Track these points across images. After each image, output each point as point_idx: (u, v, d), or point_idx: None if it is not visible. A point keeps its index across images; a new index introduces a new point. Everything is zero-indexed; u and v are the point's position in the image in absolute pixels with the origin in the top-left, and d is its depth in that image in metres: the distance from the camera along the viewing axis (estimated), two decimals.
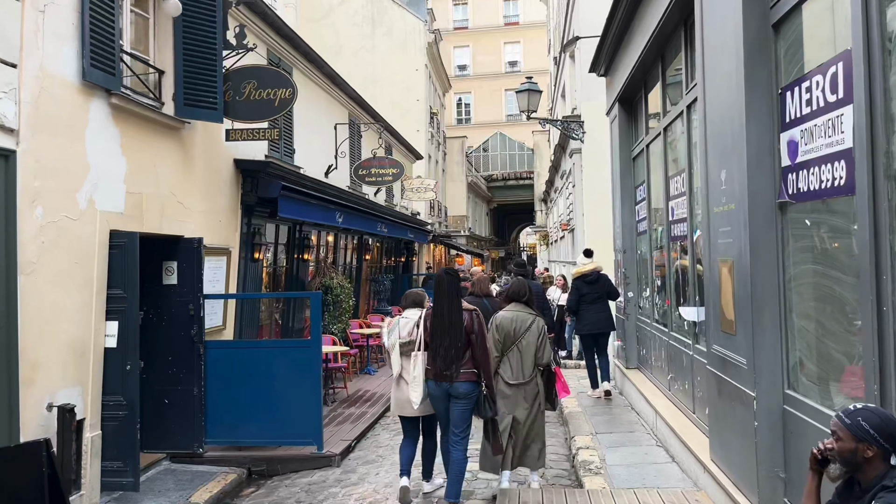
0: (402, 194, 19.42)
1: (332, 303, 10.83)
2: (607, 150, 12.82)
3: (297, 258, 10.89)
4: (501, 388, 5.35)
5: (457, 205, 34.11)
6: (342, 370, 10.44)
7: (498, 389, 5.31)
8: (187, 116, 7.12)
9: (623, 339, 9.25)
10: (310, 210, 10.17)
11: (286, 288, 10.73)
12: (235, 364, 7.27)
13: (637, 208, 8.81)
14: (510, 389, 5.34)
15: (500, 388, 5.34)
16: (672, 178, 6.68)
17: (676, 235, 6.56)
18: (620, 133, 9.13)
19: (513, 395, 5.32)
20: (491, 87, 44.91)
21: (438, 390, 5.12)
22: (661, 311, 7.49)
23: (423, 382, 5.20)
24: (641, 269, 8.74)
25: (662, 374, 7.27)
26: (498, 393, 5.28)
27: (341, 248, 13.83)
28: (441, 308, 5.14)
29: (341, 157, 12.79)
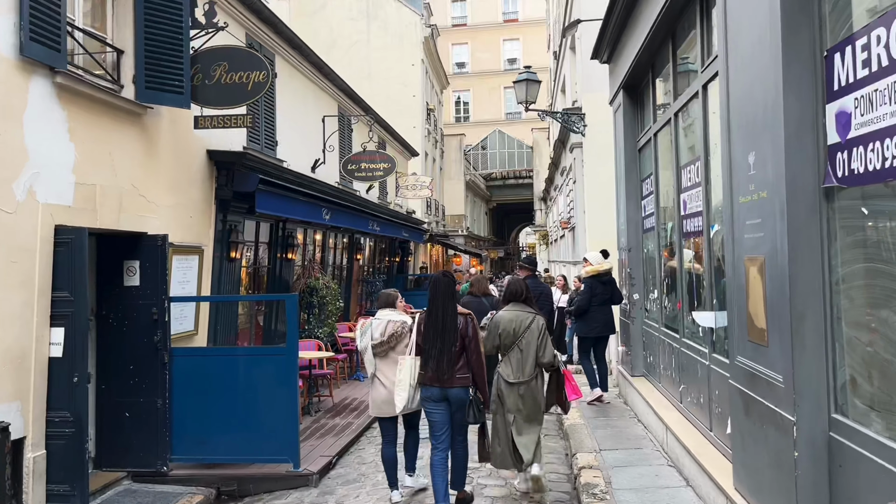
0: (397, 192, 18.77)
1: (317, 305, 10.18)
2: (610, 143, 12.18)
3: (280, 257, 10.24)
4: (502, 387, 5.29)
5: (455, 204, 33.44)
6: (328, 377, 9.78)
7: (498, 389, 5.30)
8: (150, 101, 6.47)
9: (627, 345, 8.59)
10: (293, 206, 9.51)
11: (268, 289, 10.08)
12: (204, 373, 6.63)
13: (643, 203, 8.16)
14: (510, 389, 5.26)
15: (500, 388, 5.30)
16: (684, 168, 6.03)
17: (689, 231, 5.91)
18: (625, 123, 8.48)
19: (513, 395, 5.25)
20: (490, 84, 44.27)
21: (434, 393, 5.04)
22: (671, 316, 6.83)
23: (410, 387, 5.09)
24: (648, 269, 8.09)
25: (672, 384, 6.62)
26: (498, 393, 5.28)
27: (330, 248, 13.18)
28: (436, 312, 5.04)
29: (329, 152, 12.14)
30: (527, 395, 5.29)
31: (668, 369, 6.84)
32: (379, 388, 5.42)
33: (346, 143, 13.54)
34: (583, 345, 9.23)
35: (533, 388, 5.32)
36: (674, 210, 6.48)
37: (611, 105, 9.47)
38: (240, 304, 9.34)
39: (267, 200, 8.51)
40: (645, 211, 8.09)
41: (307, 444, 7.45)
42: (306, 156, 11.48)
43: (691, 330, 6.00)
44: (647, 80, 7.70)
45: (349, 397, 10.09)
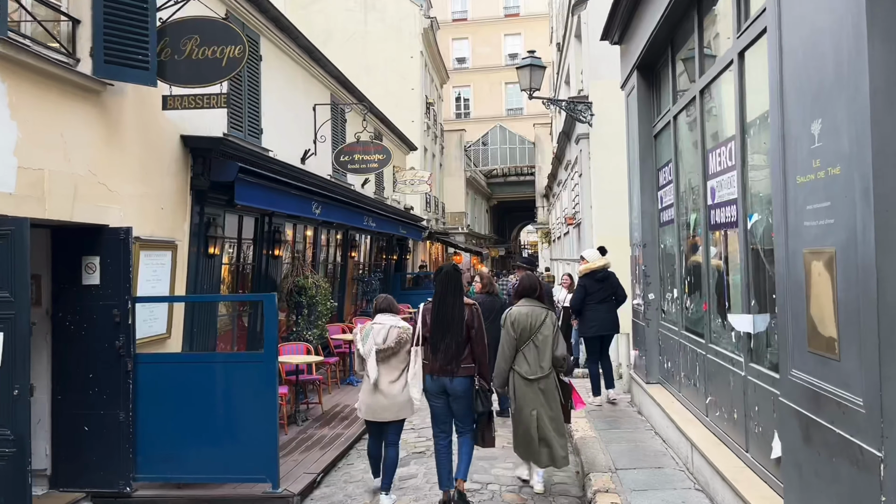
0: (395, 187, 18.05)
1: (306, 305, 9.47)
2: (619, 133, 11.47)
3: (266, 254, 9.53)
4: (518, 383, 5.33)
5: (455, 201, 32.72)
6: (317, 383, 9.08)
7: (515, 386, 5.34)
8: (109, 77, 5.76)
9: (641, 349, 7.88)
10: (279, 199, 8.81)
11: (253, 288, 9.37)
12: (172, 382, 5.94)
13: (660, 194, 7.45)
14: (528, 385, 5.30)
15: (516, 384, 5.33)
16: (713, 152, 5.32)
17: (719, 223, 5.20)
18: (639, 107, 7.76)
19: (532, 391, 5.29)
20: (491, 80, 43.49)
21: (436, 386, 5.09)
22: (695, 318, 6.12)
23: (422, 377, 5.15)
24: (666, 267, 7.38)
25: (696, 394, 5.91)
26: (516, 389, 5.33)
27: (322, 244, 12.47)
28: (444, 303, 5.10)
29: (321, 142, 11.42)
30: (547, 389, 5.34)
31: (690, 378, 6.13)
32: (377, 394, 5.38)
33: (340, 134, 12.83)
34: (589, 346, 8.66)
35: (552, 383, 5.39)
36: (699, 199, 5.77)
37: (622, 89, 8.75)
38: (222, 304, 8.65)
39: (248, 192, 7.80)
40: (662, 203, 7.37)
41: (290, 460, 6.76)
42: (295, 146, 10.77)
43: (721, 335, 5.29)
44: (666, 58, 6.98)
45: (340, 404, 9.39)
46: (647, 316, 7.67)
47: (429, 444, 6.81)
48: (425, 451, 7.12)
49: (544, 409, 5.30)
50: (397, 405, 5.38)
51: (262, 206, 8.43)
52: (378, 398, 5.37)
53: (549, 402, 5.33)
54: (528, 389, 5.30)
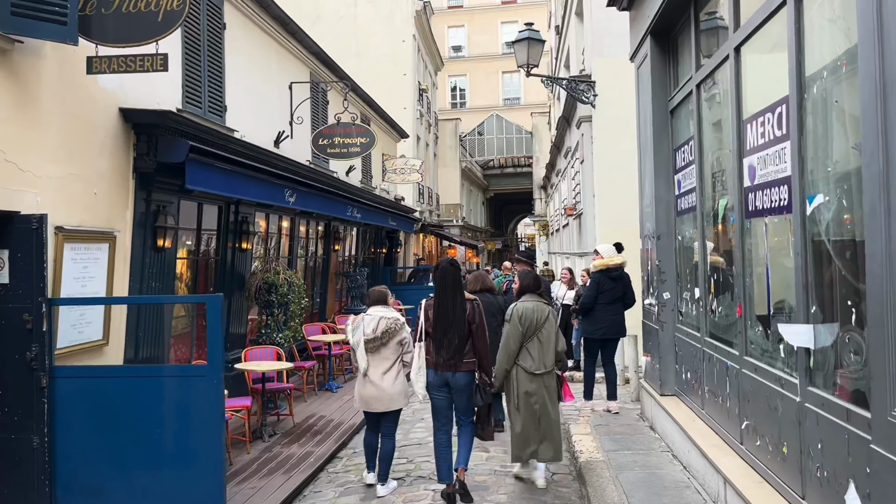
0: (384, 176, 17.03)
1: (277, 304, 8.47)
2: (624, 115, 10.48)
3: (233, 247, 8.52)
4: (522, 379, 5.40)
5: (450, 192, 31.69)
6: (287, 391, 8.08)
7: (518, 381, 5.40)
8: (17, 31, 4.74)
9: (654, 355, 6.91)
10: (244, 184, 7.80)
11: (217, 286, 8.36)
12: (98, 400, 4.96)
13: (677, 178, 6.45)
14: (534, 380, 5.40)
15: (520, 380, 5.40)
16: (752, 122, 4.32)
17: (762, 208, 4.21)
18: (653, 78, 6.75)
19: (537, 386, 5.39)
20: (487, 69, 42.40)
21: (439, 380, 5.17)
22: (724, 324, 5.14)
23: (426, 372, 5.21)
24: (684, 262, 6.40)
25: (725, 415, 4.94)
26: (519, 384, 5.40)
27: (301, 237, 11.46)
28: (445, 299, 5.16)
29: (298, 124, 10.41)
30: (550, 385, 5.45)
31: (717, 394, 5.15)
32: (367, 384, 5.45)
33: (321, 117, 11.80)
34: (589, 347, 7.89)
35: (554, 379, 5.53)
36: (730, 182, 4.78)
37: (632, 60, 7.74)
38: (179, 304, 7.65)
39: (204, 175, 6.79)
40: (679, 188, 6.38)
41: (247, 487, 5.79)
42: (268, 128, 9.75)
43: (763, 347, 4.30)
44: (687, 18, 5.97)
45: (315, 414, 8.40)
46: (661, 318, 6.68)
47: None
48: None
49: (549, 403, 5.42)
50: (388, 396, 5.42)
51: (223, 192, 7.43)
52: (369, 389, 5.43)
53: (552, 397, 5.46)
54: (532, 384, 5.40)
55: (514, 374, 5.41)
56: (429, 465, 6.35)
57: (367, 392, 5.46)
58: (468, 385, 5.16)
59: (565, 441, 6.93)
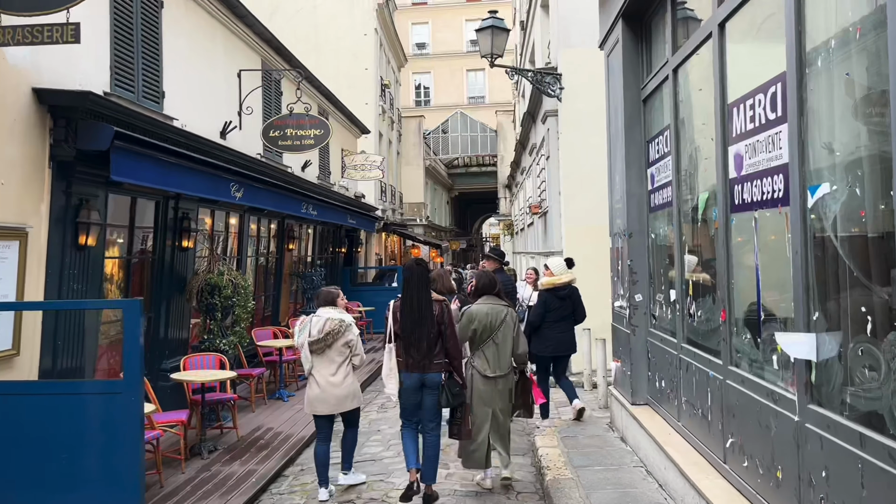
0: (343, 172, 16.39)
1: (220, 308, 7.81)
2: (591, 109, 10.09)
3: (172, 246, 7.84)
4: (477, 382, 5.32)
5: (413, 191, 31.09)
6: (231, 402, 7.44)
7: (473, 384, 5.31)
8: None
9: (625, 360, 6.47)
10: (183, 177, 7.14)
11: (155, 288, 7.67)
12: (6, 417, 4.28)
13: (650, 172, 6.02)
14: (487, 383, 5.31)
15: (475, 382, 5.31)
16: (739, 106, 3.88)
17: (750, 201, 3.76)
18: (625, 65, 6.31)
19: (490, 390, 5.31)
20: (451, 67, 41.87)
21: (411, 381, 5.11)
22: (705, 329, 4.70)
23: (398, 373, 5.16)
24: (658, 261, 5.97)
25: (706, 429, 4.50)
26: (473, 388, 5.31)
27: (252, 235, 10.78)
28: (412, 300, 5.12)
29: (247, 114, 9.74)
30: (504, 389, 5.38)
31: (696, 406, 4.71)
32: (314, 386, 5.40)
33: (273, 107, 11.13)
34: (539, 365, 7.39)
35: (509, 383, 5.45)
36: (712, 173, 4.34)
37: (602, 48, 7.29)
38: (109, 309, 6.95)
39: (134, 166, 6.12)
40: (653, 182, 5.94)
41: None
42: (214, 117, 9.07)
43: (751, 357, 3.86)
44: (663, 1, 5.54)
45: (263, 427, 7.77)
46: (632, 322, 6.24)
47: None
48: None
49: (500, 409, 5.34)
50: (334, 398, 5.35)
51: (157, 184, 6.76)
52: (314, 390, 5.38)
53: (505, 403, 5.40)
54: (486, 388, 5.31)
55: (469, 377, 5.33)
56: (383, 484, 5.83)
57: (312, 393, 5.41)
58: (437, 385, 5.12)
59: (530, 454, 6.46)
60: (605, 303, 10.29)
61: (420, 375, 5.10)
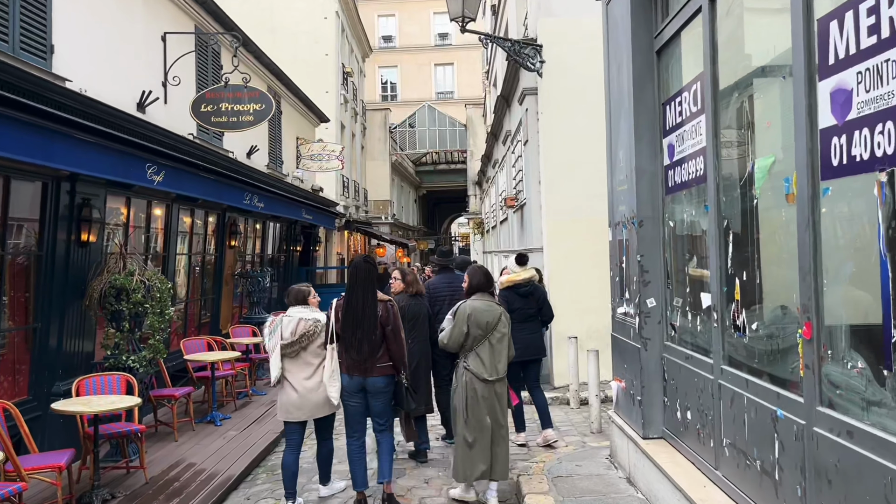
0: (298, 162, 14.88)
1: (128, 316, 6.30)
2: (577, 82, 8.88)
3: (68, 239, 6.30)
4: (474, 386, 4.91)
5: (379, 188, 29.61)
6: (138, 436, 5.92)
7: (467, 389, 4.92)
8: None
9: (631, 381, 5.16)
10: (75, 152, 5.65)
11: (38, 290, 6.12)
12: None
13: (668, 142, 4.72)
14: (486, 388, 4.91)
15: (469, 387, 4.91)
16: (842, 16, 2.56)
17: (865, 159, 2.44)
18: (634, 12, 4.99)
19: (489, 394, 4.92)
20: (419, 60, 40.51)
21: (352, 384, 4.84)
22: (765, 349, 3.39)
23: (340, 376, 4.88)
24: (678, 255, 4.67)
25: (776, 496, 3.18)
26: (469, 393, 4.92)
27: (184, 230, 9.25)
28: (355, 299, 4.84)
29: (174, 86, 8.22)
30: (501, 394, 5.00)
31: (753, 457, 3.39)
32: (289, 391, 5.01)
33: (212, 82, 9.61)
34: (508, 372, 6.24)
35: (505, 387, 5.08)
36: (779, 127, 3.02)
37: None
38: None
39: None
40: (672, 155, 4.64)
41: None
42: (128, 86, 7.54)
43: (863, 396, 2.54)
44: None
45: (182, 462, 6.27)
46: (643, 333, 4.92)
47: None
48: None
49: (499, 416, 4.96)
50: (311, 403, 5.00)
51: (35, 158, 5.24)
52: (290, 395, 5.02)
53: (502, 407, 5.00)
54: (483, 393, 4.92)
55: (464, 382, 4.94)
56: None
57: (288, 399, 5.02)
58: (387, 387, 4.88)
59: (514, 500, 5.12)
60: (592, 306, 9.07)
61: (361, 379, 4.82)
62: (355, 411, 4.93)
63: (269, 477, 6.12)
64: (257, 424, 7.66)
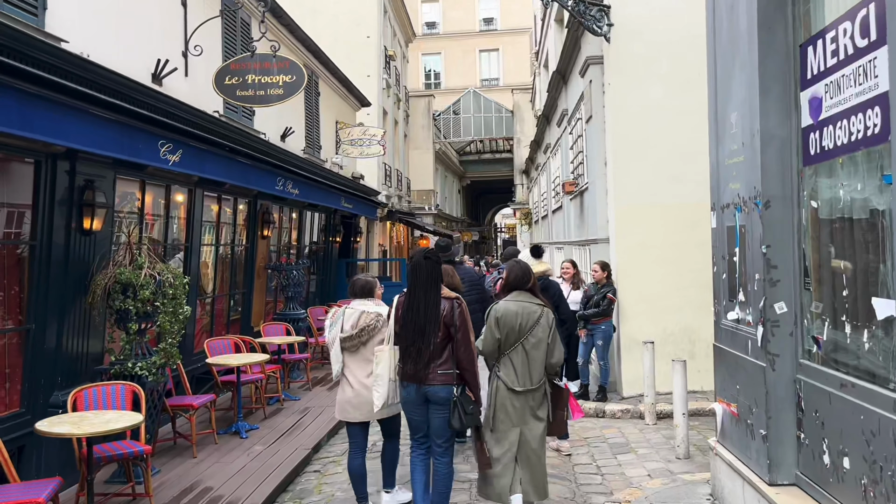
0: (337, 148, 13.97)
1: (135, 315, 5.42)
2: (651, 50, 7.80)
3: (67, 227, 5.45)
4: (503, 396, 4.39)
5: (422, 177, 28.61)
6: (142, 457, 5.03)
7: (497, 398, 4.40)
8: None
9: (747, 409, 4.04)
10: (71, 124, 4.77)
11: (32, 287, 5.28)
12: None
13: (811, 96, 3.56)
14: (516, 398, 4.36)
15: (499, 396, 4.39)
16: None
17: None
18: None
19: (520, 406, 4.36)
20: (463, 47, 39.29)
21: (412, 394, 4.34)
22: None
23: (390, 381, 4.42)
24: (823, 247, 3.51)
25: None
26: (498, 403, 4.39)
27: (210, 220, 8.38)
28: (416, 298, 4.34)
29: (195, 55, 7.33)
30: (535, 405, 4.39)
31: None
32: (346, 388, 4.76)
33: (237, 52, 8.70)
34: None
35: (541, 397, 4.42)
36: None
37: None
38: None
39: None
40: (818, 112, 3.48)
41: None
42: (141, 54, 6.68)
43: None
44: None
45: (198, 486, 5.39)
46: (769, 348, 3.78)
47: None
48: None
49: (529, 430, 4.35)
50: (370, 404, 4.52)
51: (19, 130, 4.36)
52: (347, 393, 4.74)
53: (537, 420, 4.39)
54: (512, 403, 4.35)
55: (493, 389, 4.46)
56: None
57: (344, 397, 4.78)
58: (447, 400, 4.25)
59: None
60: (669, 305, 7.94)
61: (419, 388, 4.28)
62: (420, 421, 4.42)
63: None
64: (287, 437, 6.75)
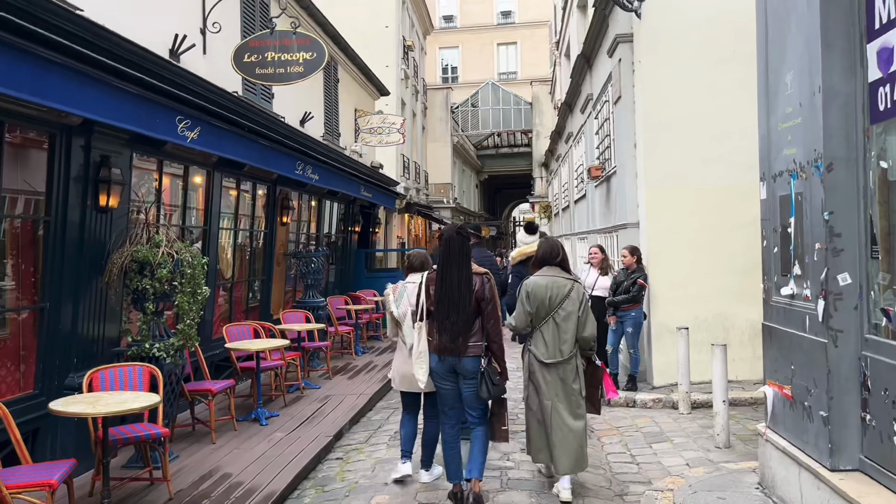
0: (356, 136, 13.76)
1: (153, 295, 5.23)
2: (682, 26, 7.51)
3: (82, 204, 5.27)
4: (534, 367, 4.59)
5: (440, 170, 28.36)
6: (160, 441, 4.83)
7: (531, 372, 4.63)
8: None
9: (810, 391, 3.75)
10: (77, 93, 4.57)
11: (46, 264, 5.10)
12: None
13: (878, 48, 3.27)
14: (547, 371, 4.53)
15: (531, 369, 4.61)
16: None
17: None
18: None
19: (551, 379, 4.52)
20: (481, 40, 38.99)
21: (442, 367, 4.47)
22: None
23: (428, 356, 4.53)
24: (894, 213, 3.23)
25: None
26: (531, 374, 4.63)
27: (228, 204, 8.20)
28: (449, 273, 4.45)
29: (214, 33, 7.14)
30: (566, 378, 4.52)
31: None
32: (398, 360, 4.92)
33: (257, 31, 8.50)
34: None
35: (572, 370, 4.55)
36: None
37: None
38: None
39: None
40: (888, 64, 3.19)
41: None
42: (160, 28, 6.50)
43: None
44: None
45: (216, 472, 5.19)
46: (831, 323, 3.50)
47: None
48: None
49: (562, 402, 4.50)
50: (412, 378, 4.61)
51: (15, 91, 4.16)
52: (398, 364, 4.90)
53: (568, 393, 4.53)
54: (543, 375, 4.53)
55: (526, 363, 4.69)
56: None
57: (396, 368, 4.95)
58: (475, 372, 4.41)
59: None
60: (701, 292, 7.67)
61: (453, 360, 4.40)
62: (449, 395, 4.54)
63: (318, 494, 4.98)
64: (308, 425, 6.55)
